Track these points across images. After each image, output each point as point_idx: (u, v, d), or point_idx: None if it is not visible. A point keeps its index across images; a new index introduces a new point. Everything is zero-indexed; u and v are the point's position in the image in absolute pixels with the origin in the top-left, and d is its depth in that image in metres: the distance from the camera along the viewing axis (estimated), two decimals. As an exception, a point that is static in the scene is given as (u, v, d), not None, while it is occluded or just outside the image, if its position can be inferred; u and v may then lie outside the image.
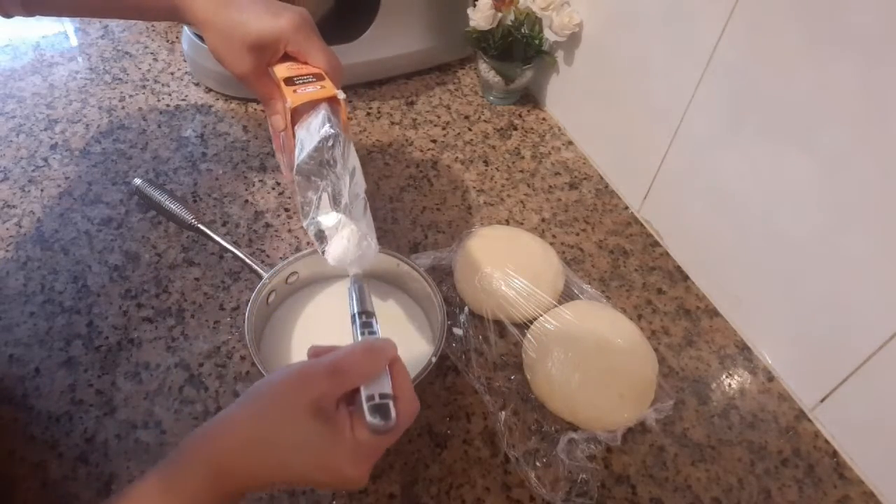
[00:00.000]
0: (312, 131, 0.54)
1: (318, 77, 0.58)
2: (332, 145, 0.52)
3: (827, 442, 0.61)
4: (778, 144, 0.60)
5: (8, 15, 0.60)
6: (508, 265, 0.67)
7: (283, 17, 0.56)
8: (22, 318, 0.63)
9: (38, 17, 0.62)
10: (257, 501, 0.53)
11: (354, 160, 0.54)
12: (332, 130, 0.52)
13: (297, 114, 0.56)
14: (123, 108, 0.87)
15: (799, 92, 0.56)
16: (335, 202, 0.52)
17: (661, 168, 0.75)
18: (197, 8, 0.57)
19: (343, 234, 0.52)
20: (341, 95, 0.57)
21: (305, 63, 0.59)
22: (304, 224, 0.53)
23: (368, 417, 0.38)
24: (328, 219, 0.52)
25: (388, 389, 0.40)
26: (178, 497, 0.37)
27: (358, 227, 0.52)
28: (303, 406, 0.38)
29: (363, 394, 0.39)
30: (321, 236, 0.52)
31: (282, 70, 0.58)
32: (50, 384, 0.59)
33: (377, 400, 0.39)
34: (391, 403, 0.39)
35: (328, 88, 0.56)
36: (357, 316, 0.48)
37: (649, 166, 0.76)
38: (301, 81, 0.57)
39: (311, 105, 0.56)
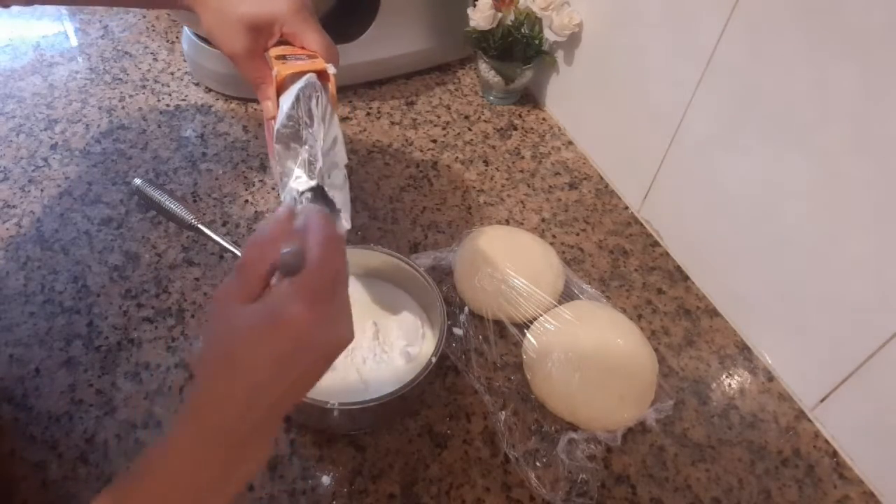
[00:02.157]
0: (292, 91, 0.52)
1: (311, 56, 0.57)
2: (310, 96, 0.50)
3: (827, 442, 0.61)
4: (778, 144, 0.60)
5: (6, 5, 0.60)
6: (508, 265, 0.67)
7: None
8: (22, 318, 0.63)
9: (34, 6, 0.61)
10: (257, 501, 0.53)
11: (337, 130, 0.52)
12: (311, 80, 0.50)
13: (284, 86, 0.55)
14: (123, 108, 0.87)
15: (799, 92, 0.56)
16: (310, 167, 0.49)
17: (661, 168, 0.75)
18: None
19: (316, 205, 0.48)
20: (332, 70, 0.55)
21: (301, 48, 0.58)
22: (282, 196, 0.50)
23: (281, 270, 0.38)
24: (300, 184, 0.48)
25: (294, 246, 0.38)
26: (162, 460, 0.35)
27: (334, 197, 0.48)
28: (230, 309, 0.37)
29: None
30: (294, 204, 0.49)
31: (275, 51, 0.58)
32: (50, 384, 0.59)
33: (284, 255, 0.38)
34: (298, 247, 0.38)
35: (318, 63, 0.55)
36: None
37: (649, 166, 0.76)
38: (293, 58, 0.56)
39: (299, 76, 0.53)
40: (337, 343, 0.39)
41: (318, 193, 0.47)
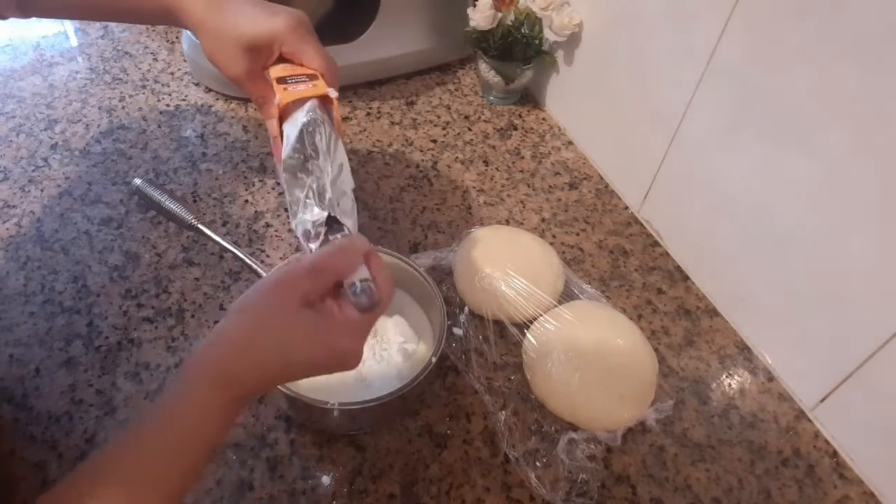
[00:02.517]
0: (296, 122, 0.53)
1: (312, 77, 0.57)
2: (313, 131, 0.51)
3: (827, 442, 0.61)
4: (778, 145, 0.60)
5: (3, 17, 0.60)
6: (508, 265, 0.67)
7: (277, 17, 0.56)
8: (22, 318, 0.63)
9: (33, 18, 0.62)
10: (257, 501, 0.53)
11: (342, 157, 0.53)
12: (314, 115, 0.52)
13: (287, 112, 0.56)
14: (123, 108, 0.87)
15: (799, 92, 0.56)
16: (320, 198, 0.51)
17: (661, 168, 0.75)
18: (191, 10, 0.57)
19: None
20: (333, 94, 0.56)
21: (301, 65, 0.59)
22: (293, 225, 0.52)
23: (352, 298, 0.43)
24: (313, 215, 0.51)
25: (366, 275, 0.44)
26: (188, 416, 0.39)
27: (345, 224, 0.51)
28: (291, 304, 0.41)
29: (346, 283, 0.43)
30: (308, 235, 0.51)
31: (276, 71, 0.58)
32: (50, 384, 0.59)
33: (359, 285, 0.43)
34: (372, 285, 0.43)
35: (320, 87, 0.56)
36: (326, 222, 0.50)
37: (649, 166, 0.76)
38: (293, 81, 0.56)
39: (302, 103, 0.55)
40: (348, 360, 0.44)
41: (330, 221, 0.51)
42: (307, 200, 0.51)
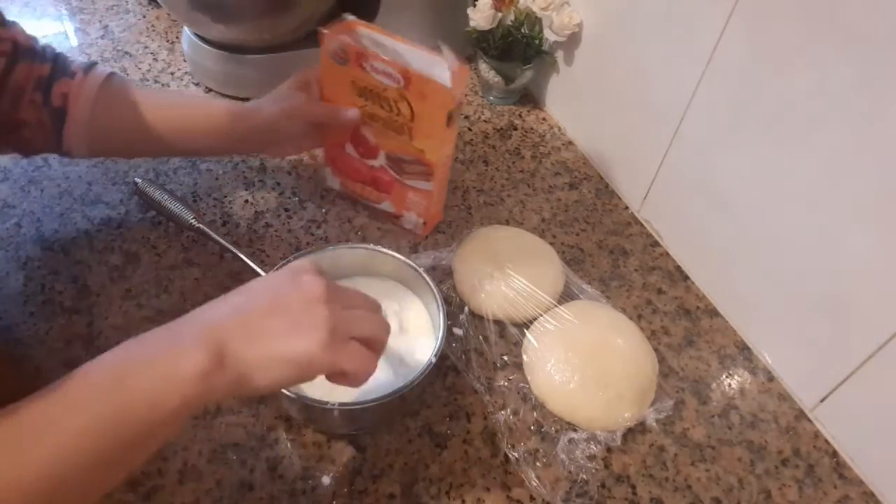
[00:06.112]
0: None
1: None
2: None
3: (827, 442, 0.61)
4: (778, 144, 0.60)
5: (71, 156, 0.66)
6: (508, 265, 0.67)
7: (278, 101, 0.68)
8: (22, 318, 0.63)
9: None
10: (257, 501, 0.53)
11: None
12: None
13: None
14: (123, 108, 0.87)
15: (799, 92, 0.56)
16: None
17: (661, 168, 0.75)
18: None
19: None
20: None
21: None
22: None
23: None
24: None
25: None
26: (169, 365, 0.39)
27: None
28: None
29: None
30: None
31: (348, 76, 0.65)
32: (50, 384, 0.59)
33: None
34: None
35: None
36: None
37: (649, 166, 0.76)
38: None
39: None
40: (307, 292, 0.43)
41: None
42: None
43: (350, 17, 0.67)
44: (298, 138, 0.71)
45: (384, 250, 0.63)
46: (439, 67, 0.60)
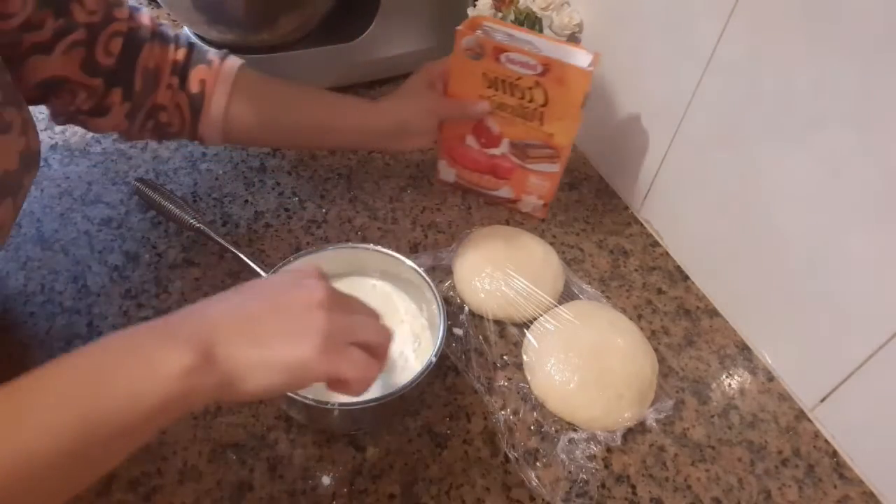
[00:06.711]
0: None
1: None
2: None
3: (827, 442, 0.61)
4: (778, 145, 0.60)
5: (204, 143, 0.68)
6: (508, 265, 0.67)
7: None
8: (22, 318, 0.63)
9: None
10: (257, 501, 0.53)
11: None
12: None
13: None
14: (123, 108, 0.87)
15: (799, 92, 0.56)
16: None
17: (661, 168, 0.75)
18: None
19: None
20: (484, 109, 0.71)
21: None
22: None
23: None
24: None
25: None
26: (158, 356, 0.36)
27: None
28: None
29: None
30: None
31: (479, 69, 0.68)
32: (50, 384, 0.59)
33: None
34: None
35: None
36: None
37: (649, 166, 0.76)
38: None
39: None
40: (308, 292, 0.43)
41: None
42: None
43: (476, 13, 0.72)
44: (427, 134, 0.74)
45: (384, 250, 0.63)
46: (574, 53, 0.66)
